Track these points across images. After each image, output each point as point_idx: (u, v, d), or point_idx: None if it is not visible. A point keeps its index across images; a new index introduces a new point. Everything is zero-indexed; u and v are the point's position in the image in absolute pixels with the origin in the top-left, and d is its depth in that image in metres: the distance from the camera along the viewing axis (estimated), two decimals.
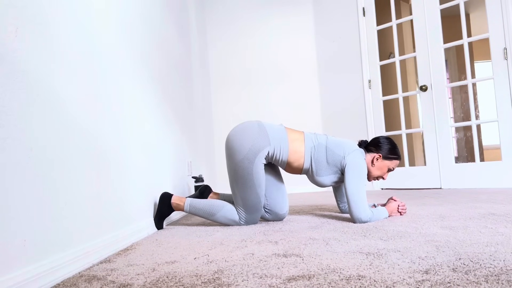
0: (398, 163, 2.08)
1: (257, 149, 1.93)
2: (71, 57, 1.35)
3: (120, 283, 1.09)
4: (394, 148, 2.06)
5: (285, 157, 2.01)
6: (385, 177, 2.09)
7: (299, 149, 2.01)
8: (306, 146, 2.02)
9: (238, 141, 1.95)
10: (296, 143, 2.02)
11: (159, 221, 2.05)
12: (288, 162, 2.03)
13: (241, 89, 4.49)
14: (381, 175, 2.08)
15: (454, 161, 3.60)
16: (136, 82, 1.96)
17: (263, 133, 1.97)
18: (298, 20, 4.47)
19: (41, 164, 1.12)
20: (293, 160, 2.02)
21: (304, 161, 2.02)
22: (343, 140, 2.06)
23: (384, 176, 2.08)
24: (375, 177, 2.09)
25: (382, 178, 2.09)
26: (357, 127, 4.14)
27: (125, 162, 1.73)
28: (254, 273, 1.11)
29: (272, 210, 2.11)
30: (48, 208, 1.14)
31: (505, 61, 3.31)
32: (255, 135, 1.95)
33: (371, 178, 2.10)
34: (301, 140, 2.03)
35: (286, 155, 2.00)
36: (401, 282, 0.95)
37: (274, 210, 2.11)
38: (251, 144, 1.93)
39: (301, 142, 2.03)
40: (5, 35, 1.02)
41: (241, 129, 2.00)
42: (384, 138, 2.09)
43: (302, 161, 2.03)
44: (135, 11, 2.07)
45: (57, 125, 1.22)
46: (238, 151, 1.94)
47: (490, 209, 2.09)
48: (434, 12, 3.70)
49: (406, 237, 1.48)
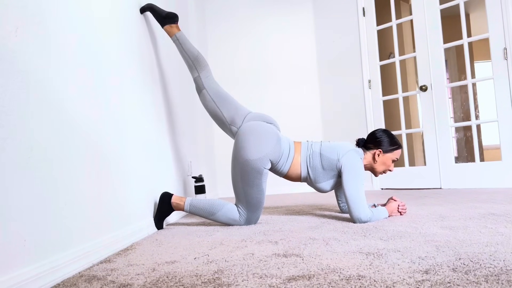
0: (400, 152, 2.10)
1: (273, 157, 1.98)
2: (71, 57, 1.34)
3: (120, 283, 1.09)
4: (392, 139, 2.08)
5: (285, 170, 2.07)
6: (392, 168, 2.11)
7: (297, 161, 2.07)
8: (302, 157, 2.07)
9: (256, 142, 1.96)
10: (295, 156, 2.07)
11: (159, 221, 2.05)
12: (287, 174, 2.09)
13: (241, 88, 4.48)
14: (387, 168, 2.10)
15: (454, 161, 3.60)
16: (136, 81, 1.96)
17: (278, 148, 2.00)
18: (298, 20, 4.47)
19: (41, 164, 1.12)
20: (291, 171, 2.08)
21: (301, 171, 2.07)
22: (336, 143, 2.08)
23: (390, 168, 2.10)
24: (381, 172, 2.10)
25: (389, 171, 2.11)
26: (357, 127, 4.13)
27: (125, 162, 1.73)
28: (254, 273, 1.11)
29: None
30: (48, 208, 1.14)
31: (505, 61, 3.31)
32: (273, 143, 1.98)
33: (377, 174, 2.13)
34: (298, 152, 2.08)
35: (286, 169, 2.06)
36: (401, 282, 0.95)
37: None
38: (269, 150, 1.96)
39: (298, 153, 2.08)
40: (5, 35, 1.02)
41: (262, 130, 2.00)
42: (380, 131, 2.10)
43: (299, 172, 2.08)
44: (135, 11, 2.07)
45: (57, 125, 1.22)
46: (254, 150, 1.94)
47: (490, 209, 2.09)
48: (434, 12, 3.70)
49: (406, 237, 1.48)
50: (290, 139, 2.13)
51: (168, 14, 2.23)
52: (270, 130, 2.01)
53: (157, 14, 2.23)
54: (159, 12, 2.22)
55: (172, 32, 2.24)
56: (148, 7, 2.20)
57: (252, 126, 2.01)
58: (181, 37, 2.23)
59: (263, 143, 1.96)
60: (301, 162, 2.06)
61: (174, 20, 2.25)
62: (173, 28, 2.25)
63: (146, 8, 2.19)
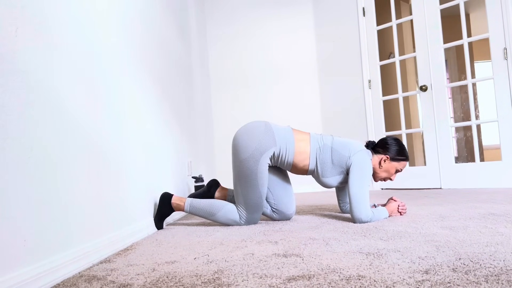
0: (406, 164, 2.07)
1: (263, 149, 1.95)
2: (71, 57, 1.34)
3: (120, 283, 1.09)
4: (402, 149, 2.05)
5: (290, 158, 2.01)
6: (393, 178, 2.09)
7: (305, 150, 2.02)
8: (311, 147, 2.02)
9: (244, 140, 1.96)
10: (302, 144, 2.02)
11: (159, 221, 2.05)
12: (294, 164, 2.03)
13: (241, 89, 4.49)
14: (388, 177, 2.08)
15: (454, 161, 3.60)
16: (136, 82, 1.96)
17: (270, 134, 1.98)
18: (298, 20, 4.47)
19: (41, 164, 1.12)
20: (299, 161, 2.02)
21: (309, 162, 2.03)
22: (349, 141, 2.05)
23: (391, 177, 2.08)
24: (382, 179, 2.09)
25: (389, 179, 2.10)
26: (357, 127, 4.13)
27: (125, 162, 1.73)
28: (254, 273, 1.11)
29: (279, 210, 2.12)
30: (48, 208, 1.14)
31: (505, 61, 3.31)
32: (261, 135, 1.96)
33: (377, 179, 2.10)
34: (307, 141, 2.04)
35: (291, 156, 2.01)
36: (401, 282, 0.95)
37: (281, 210, 2.11)
38: (257, 143, 1.94)
39: (307, 143, 2.03)
40: (5, 35, 1.02)
41: (248, 128, 2.01)
42: (392, 139, 2.08)
43: (308, 162, 2.03)
44: (135, 11, 2.07)
45: (57, 125, 1.22)
46: (244, 149, 1.94)
47: (490, 209, 2.09)
48: (434, 12, 3.70)
49: (406, 237, 1.48)
50: (287, 127, 2.07)
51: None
52: (255, 124, 2.02)
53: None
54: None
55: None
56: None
57: (242, 128, 2.04)
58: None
59: (251, 136, 1.96)
60: (310, 153, 2.01)
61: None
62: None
63: None
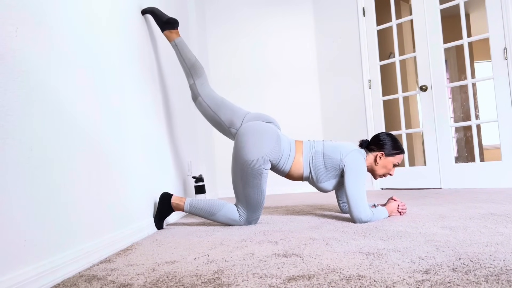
0: (402, 157, 2.08)
1: (271, 157, 1.97)
2: (71, 57, 1.35)
3: (120, 283, 1.09)
4: (395, 143, 2.06)
5: (287, 169, 2.06)
6: (392, 173, 2.10)
7: (299, 160, 2.06)
8: (304, 156, 2.06)
9: (253, 142, 1.95)
10: (297, 155, 2.06)
11: (159, 221, 2.05)
12: (289, 173, 2.08)
13: (241, 88, 4.48)
14: (387, 172, 2.09)
15: (454, 161, 3.60)
16: (136, 81, 1.96)
17: (278, 145, 1.99)
18: (298, 20, 4.47)
19: (41, 164, 1.12)
20: (293, 171, 2.07)
21: (303, 171, 2.06)
22: (339, 143, 2.07)
23: (390, 172, 2.09)
24: (381, 175, 2.09)
25: (389, 175, 2.10)
26: (357, 127, 4.13)
27: (125, 162, 1.73)
28: (254, 273, 1.11)
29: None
30: (48, 208, 1.14)
31: (505, 61, 3.31)
32: (272, 144, 1.97)
33: (377, 177, 2.12)
34: (300, 151, 2.07)
35: (288, 168, 2.05)
36: (401, 282, 0.95)
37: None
38: (268, 151, 1.95)
39: (300, 153, 2.07)
40: (5, 35, 1.02)
41: (262, 130, 1.99)
42: (384, 134, 2.10)
43: (302, 171, 2.07)
44: (135, 11, 2.07)
45: (57, 125, 1.22)
46: (251, 151, 1.93)
47: (490, 209, 2.09)
48: (434, 12, 3.70)
49: (406, 237, 1.48)
50: (290, 138, 2.12)
51: (169, 20, 2.24)
52: (270, 130, 2.01)
53: (158, 18, 2.23)
54: (161, 16, 2.23)
55: (172, 37, 2.25)
56: (149, 10, 2.20)
57: (252, 126, 2.00)
58: (180, 43, 2.24)
59: (263, 143, 1.95)
60: (303, 161, 2.05)
61: (174, 26, 2.25)
62: (173, 34, 2.26)
63: (148, 11, 2.20)
